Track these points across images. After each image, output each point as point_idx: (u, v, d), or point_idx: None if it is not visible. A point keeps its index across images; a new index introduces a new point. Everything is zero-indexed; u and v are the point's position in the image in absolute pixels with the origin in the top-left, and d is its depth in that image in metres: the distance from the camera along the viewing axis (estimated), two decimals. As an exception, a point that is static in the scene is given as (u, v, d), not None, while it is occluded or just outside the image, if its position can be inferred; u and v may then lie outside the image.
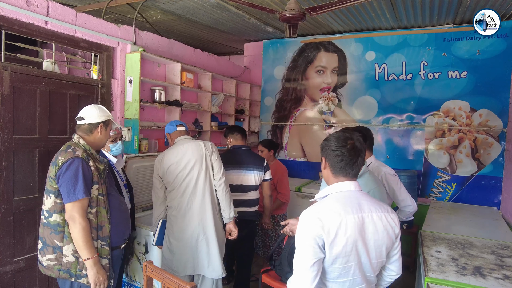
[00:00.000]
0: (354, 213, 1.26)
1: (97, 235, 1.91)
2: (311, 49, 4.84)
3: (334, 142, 1.37)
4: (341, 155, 1.34)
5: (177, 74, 3.59)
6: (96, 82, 3.06)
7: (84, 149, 1.93)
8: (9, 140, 2.47)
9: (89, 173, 1.87)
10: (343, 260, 1.25)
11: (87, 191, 1.83)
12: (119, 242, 2.11)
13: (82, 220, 1.80)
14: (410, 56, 4.28)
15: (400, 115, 4.37)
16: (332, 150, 1.36)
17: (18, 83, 2.50)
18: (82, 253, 1.82)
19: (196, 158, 2.52)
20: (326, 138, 1.44)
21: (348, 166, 1.34)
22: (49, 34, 2.68)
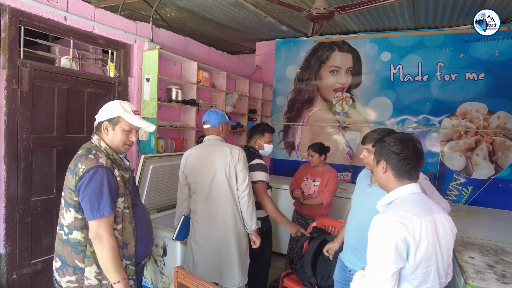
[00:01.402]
0: (428, 215, 1.26)
1: (122, 254, 1.64)
2: (324, 48, 4.77)
3: (397, 144, 1.33)
4: (407, 158, 1.31)
5: (193, 72, 3.52)
6: (113, 80, 3.00)
7: (107, 154, 1.64)
8: (27, 139, 2.40)
9: (115, 185, 1.60)
10: (425, 265, 1.23)
11: (113, 207, 1.57)
12: (143, 257, 1.84)
13: (111, 239, 1.55)
14: (426, 57, 4.23)
15: (415, 116, 4.32)
16: (395, 153, 1.33)
17: (37, 80, 2.43)
18: (111, 276, 1.56)
19: (220, 167, 2.33)
20: (383, 140, 1.40)
21: (413, 169, 1.32)
22: (68, 30, 2.61)
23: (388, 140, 1.37)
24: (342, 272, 2.12)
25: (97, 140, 1.67)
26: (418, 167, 1.33)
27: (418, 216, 1.24)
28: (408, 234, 1.19)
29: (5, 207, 2.28)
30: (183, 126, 3.53)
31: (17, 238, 2.37)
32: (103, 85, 2.91)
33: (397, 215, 1.24)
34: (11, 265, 2.34)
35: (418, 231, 1.21)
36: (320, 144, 3.36)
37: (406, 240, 1.19)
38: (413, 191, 1.32)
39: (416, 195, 1.32)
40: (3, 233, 2.28)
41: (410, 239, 1.19)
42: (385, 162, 1.36)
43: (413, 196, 1.31)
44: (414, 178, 1.34)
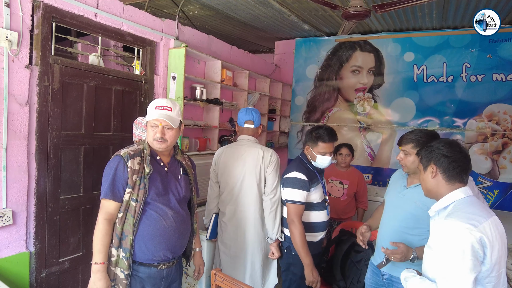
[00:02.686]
0: (490, 216, 1.25)
1: (119, 243, 1.65)
2: (346, 48, 4.70)
3: (447, 148, 1.34)
4: (458, 160, 1.32)
5: (217, 71, 3.48)
6: (139, 77, 2.97)
7: (140, 147, 1.71)
8: (57, 136, 2.38)
9: (122, 175, 1.63)
10: (498, 267, 1.23)
11: (110, 193, 1.61)
12: (149, 260, 1.71)
13: (100, 222, 1.62)
14: (451, 57, 4.13)
15: (439, 118, 4.23)
16: (445, 156, 1.33)
17: (67, 77, 2.41)
18: (93, 255, 1.63)
19: (251, 169, 2.29)
20: (430, 145, 1.40)
21: (463, 172, 1.33)
22: (97, 27, 2.58)
23: (436, 144, 1.37)
24: (375, 276, 2.06)
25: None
26: (468, 170, 1.33)
27: (484, 217, 1.23)
28: (483, 235, 1.17)
29: (35, 205, 2.26)
30: (207, 125, 3.49)
31: (46, 236, 2.35)
32: (130, 83, 2.89)
33: (465, 218, 1.21)
34: (40, 263, 2.32)
35: (490, 232, 1.20)
36: (351, 145, 3.32)
37: (482, 241, 1.17)
38: (467, 194, 1.32)
39: (472, 198, 1.31)
40: (33, 231, 2.26)
41: (485, 240, 1.17)
42: (435, 166, 1.36)
43: (470, 199, 1.31)
44: (465, 181, 1.34)
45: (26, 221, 2.22)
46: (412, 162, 1.85)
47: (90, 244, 2.58)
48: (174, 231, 1.75)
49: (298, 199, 2.14)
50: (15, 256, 2.17)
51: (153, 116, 1.68)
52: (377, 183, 4.51)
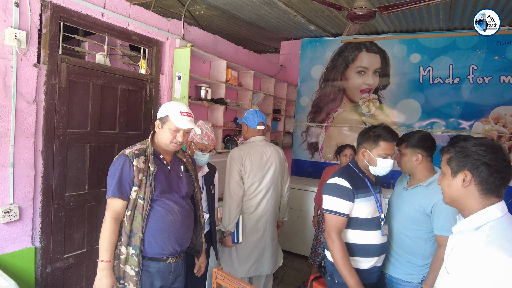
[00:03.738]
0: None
1: (128, 241, 1.70)
2: (351, 48, 4.69)
3: (490, 154, 1.08)
4: (502, 172, 1.07)
5: (222, 71, 3.50)
6: (145, 77, 3.00)
7: (143, 147, 1.77)
8: (63, 134, 2.42)
9: (129, 174, 1.68)
10: None
11: (117, 192, 1.66)
12: (158, 254, 1.77)
13: (107, 220, 1.67)
14: (458, 59, 4.10)
15: (444, 120, 4.21)
16: (486, 165, 1.08)
17: (74, 76, 2.45)
18: (100, 252, 1.68)
19: (278, 167, 2.63)
20: (465, 146, 1.12)
21: (503, 186, 1.09)
22: (104, 27, 2.62)
23: (474, 148, 1.11)
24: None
25: (151, 134, 1.85)
26: (508, 182, 1.09)
27: None
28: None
29: (41, 201, 2.30)
30: (211, 125, 3.50)
31: (52, 232, 2.39)
32: (135, 82, 2.92)
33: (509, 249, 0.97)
34: (46, 259, 2.36)
35: None
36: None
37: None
38: (504, 211, 1.08)
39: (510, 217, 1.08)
40: (39, 227, 2.30)
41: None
42: (470, 174, 1.10)
43: (508, 219, 1.07)
44: (502, 195, 1.10)
45: (32, 217, 2.26)
46: (405, 162, 1.93)
47: (95, 241, 2.64)
48: (181, 225, 1.83)
49: (338, 209, 1.81)
50: (21, 251, 2.21)
51: (182, 124, 1.74)
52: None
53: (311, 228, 3.97)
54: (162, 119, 1.77)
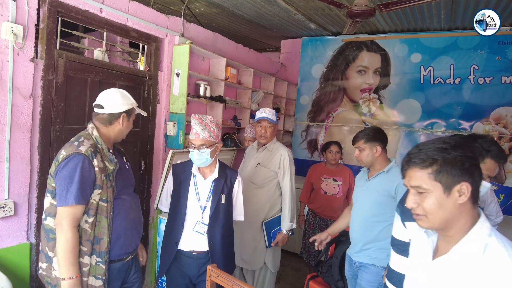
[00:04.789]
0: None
1: (91, 249, 1.55)
2: (352, 48, 4.67)
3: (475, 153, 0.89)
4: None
5: (221, 69, 3.49)
6: (143, 73, 2.98)
7: (96, 143, 1.60)
8: (60, 130, 2.41)
9: (90, 175, 1.51)
10: None
11: (80, 197, 1.48)
12: (122, 255, 1.70)
13: (69, 231, 1.46)
14: (459, 59, 4.08)
15: (445, 120, 4.18)
16: (476, 167, 0.90)
17: (71, 71, 2.43)
18: (60, 270, 1.47)
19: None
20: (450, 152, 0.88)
21: None
22: (103, 22, 2.60)
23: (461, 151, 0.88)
24: (351, 267, 2.21)
25: (91, 128, 1.66)
26: None
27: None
28: None
29: (37, 197, 2.29)
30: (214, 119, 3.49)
31: (47, 228, 2.37)
32: (134, 78, 2.90)
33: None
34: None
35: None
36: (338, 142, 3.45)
37: None
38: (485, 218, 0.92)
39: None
40: (35, 223, 2.29)
41: None
42: (469, 185, 0.88)
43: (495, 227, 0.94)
44: None
45: (27, 212, 2.25)
46: (366, 156, 2.11)
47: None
48: (139, 219, 1.83)
49: None
50: (16, 246, 2.20)
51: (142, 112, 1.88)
52: (380, 185, 4.48)
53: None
54: (129, 111, 1.73)
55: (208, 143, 1.89)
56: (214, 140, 1.92)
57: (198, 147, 1.87)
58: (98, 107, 1.69)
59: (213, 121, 1.95)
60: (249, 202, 2.55)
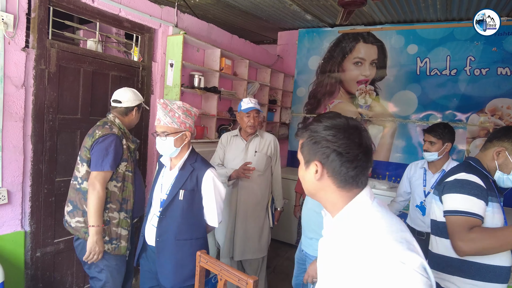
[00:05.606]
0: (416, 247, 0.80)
1: (120, 207, 2.02)
2: (349, 39, 4.65)
3: (342, 140, 0.86)
4: (356, 161, 0.86)
5: (216, 60, 3.48)
6: (137, 64, 2.99)
7: (119, 128, 2.07)
8: (53, 119, 2.42)
9: (120, 150, 1.99)
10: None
11: (113, 165, 1.94)
12: (137, 214, 2.20)
13: (101, 190, 1.89)
14: (455, 50, 4.06)
15: (441, 112, 4.18)
16: (337, 153, 0.86)
17: (64, 61, 2.44)
18: (90, 219, 1.89)
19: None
20: (317, 130, 0.89)
21: (361, 175, 0.88)
22: (95, 12, 2.60)
23: (324, 132, 0.88)
24: (300, 253, 2.25)
25: (113, 117, 2.11)
26: (368, 169, 0.90)
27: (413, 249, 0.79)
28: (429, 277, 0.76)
29: (31, 185, 2.31)
30: (204, 113, 3.50)
31: (42, 217, 2.41)
32: (127, 69, 2.91)
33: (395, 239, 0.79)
34: (36, 243, 2.38)
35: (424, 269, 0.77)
36: None
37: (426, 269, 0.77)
38: (372, 198, 0.90)
39: (382, 203, 0.91)
40: (29, 211, 2.32)
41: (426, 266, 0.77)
42: (321, 165, 0.89)
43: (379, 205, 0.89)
44: (363, 183, 0.90)
45: (21, 201, 2.27)
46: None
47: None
48: (144, 190, 2.30)
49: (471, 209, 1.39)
50: (10, 234, 2.23)
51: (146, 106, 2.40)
52: (376, 176, 4.49)
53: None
54: (139, 106, 2.22)
55: (170, 130, 1.73)
56: (179, 128, 1.74)
57: (159, 134, 1.75)
58: (116, 102, 2.13)
59: (181, 107, 1.76)
60: (256, 189, 2.65)
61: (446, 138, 2.32)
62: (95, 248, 1.90)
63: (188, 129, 1.79)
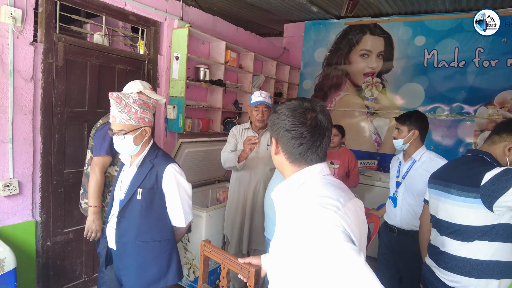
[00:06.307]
0: (348, 200, 0.94)
1: None
2: (355, 31, 4.61)
3: (289, 118, 0.96)
4: (300, 137, 0.96)
5: (221, 52, 3.50)
6: (143, 57, 3.02)
7: None
8: (61, 112, 2.47)
9: None
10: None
11: (109, 151, 1.99)
12: None
13: (99, 174, 1.99)
14: (464, 41, 4.00)
15: (448, 105, 4.13)
16: (286, 130, 0.97)
17: (71, 55, 2.48)
18: (89, 200, 2.01)
19: None
20: (276, 111, 1.02)
21: (310, 152, 0.97)
22: (101, 6, 2.63)
23: (280, 111, 1.00)
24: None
25: None
26: (318, 148, 0.97)
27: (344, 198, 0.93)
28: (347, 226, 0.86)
29: (40, 176, 2.38)
30: (210, 106, 3.53)
31: (51, 207, 2.47)
32: (133, 62, 2.94)
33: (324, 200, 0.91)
34: (46, 232, 2.45)
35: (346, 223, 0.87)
36: (340, 125, 3.36)
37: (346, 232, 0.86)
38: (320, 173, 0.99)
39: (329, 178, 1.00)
40: (39, 202, 2.39)
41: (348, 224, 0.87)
42: (276, 142, 1.02)
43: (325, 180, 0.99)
44: (313, 160, 0.99)
45: (32, 191, 2.34)
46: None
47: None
48: None
49: None
50: (22, 223, 2.30)
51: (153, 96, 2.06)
52: (382, 169, 4.48)
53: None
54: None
55: (128, 128, 1.58)
56: (137, 124, 1.59)
57: (116, 132, 1.59)
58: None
59: (138, 100, 1.59)
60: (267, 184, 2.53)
61: (412, 125, 2.19)
62: (92, 226, 2.00)
63: (148, 123, 1.64)
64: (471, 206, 1.46)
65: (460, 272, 1.51)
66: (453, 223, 1.53)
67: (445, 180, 1.61)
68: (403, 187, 2.21)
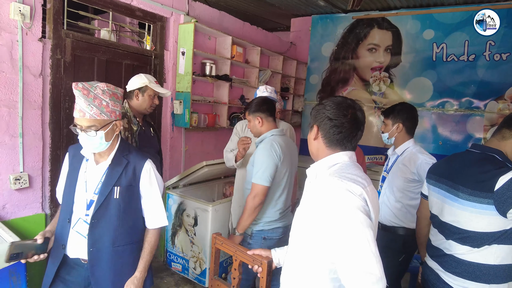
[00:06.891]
0: (368, 184, 1.12)
1: None
2: (363, 25, 4.56)
3: (333, 110, 1.16)
4: (340, 126, 1.15)
5: (227, 47, 3.50)
6: (149, 52, 3.04)
7: (126, 111, 2.16)
8: (69, 107, 2.51)
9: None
10: None
11: None
12: None
13: None
14: (475, 35, 3.92)
15: (457, 99, 4.07)
16: (329, 119, 1.16)
17: (78, 50, 2.51)
18: None
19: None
20: (322, 103, 1.21)
21: (346, 140, 1.16)
22: (108, 2, 2.66)
23: (326, 103, 1.19)
24: None
25: (125, 102, 2.21)
26: (353, 138, 1.17)
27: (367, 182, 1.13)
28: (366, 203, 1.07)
29: (50, 170, 2.43)
30: (216, 101, 3.54)
31: (61, 200, 2.52)
32: (140, 57, 2.97)
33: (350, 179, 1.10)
34: (55, 225, 2.50)
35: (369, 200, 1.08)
36: None
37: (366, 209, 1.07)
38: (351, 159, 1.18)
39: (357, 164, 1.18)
40: (49, 195, 2.44)
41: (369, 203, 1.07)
42: (317, 127, 1.19)
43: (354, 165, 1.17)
44: (348, 148, 1.18)
45: (41, 185, 2.39)
46: (252, 127, 2.12)
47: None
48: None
49: None
50: (32, 216, 2.36)
51: (159, 89, 2.22)
52: (389, 164, 4.45)
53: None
54: (142, 89, 2.18)
55: (100, 123, 1.40)
56: (109, 118, 1.43)
57: (84, 129, 1.39)
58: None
59: (107, 90, 1.43)
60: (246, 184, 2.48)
61: (396, 118, 2.13)
62: None
63: (118, 116, 1.48)
64: (483, 212, 1.36)
65: (470, 277, 1.44)
66: (462, 228, 1.44)
67: (452, 180, 1.50)
68: (387, 182, 2.21)
